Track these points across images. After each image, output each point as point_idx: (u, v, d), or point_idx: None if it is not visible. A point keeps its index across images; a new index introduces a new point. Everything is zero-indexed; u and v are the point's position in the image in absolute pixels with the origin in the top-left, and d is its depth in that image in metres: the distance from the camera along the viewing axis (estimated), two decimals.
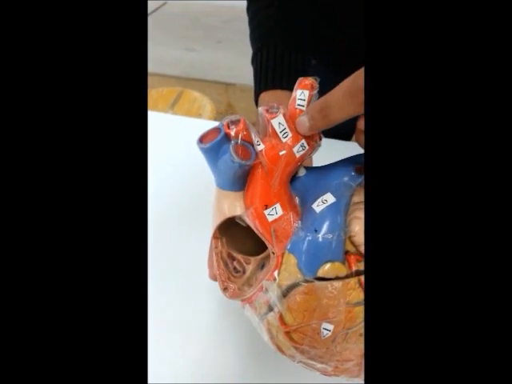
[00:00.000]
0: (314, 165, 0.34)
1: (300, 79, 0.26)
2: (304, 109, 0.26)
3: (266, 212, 0.27)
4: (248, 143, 0.26)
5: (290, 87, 0.27)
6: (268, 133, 0.26)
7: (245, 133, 0.26)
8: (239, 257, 0.31)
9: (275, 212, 0.27)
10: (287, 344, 0.26)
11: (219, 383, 0.37)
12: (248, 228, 0.28)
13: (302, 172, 0.29)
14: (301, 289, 0.25)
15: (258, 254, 0.30)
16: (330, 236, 0.25)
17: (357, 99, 0.22)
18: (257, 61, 0.50)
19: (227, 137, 0.26)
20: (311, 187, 0.28)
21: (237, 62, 1.95)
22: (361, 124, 0.24)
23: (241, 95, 1.85)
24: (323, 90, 0.26)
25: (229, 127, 0.26)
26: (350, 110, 0.23)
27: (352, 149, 0.29)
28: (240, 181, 0.28)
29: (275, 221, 0.27)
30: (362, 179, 0.27)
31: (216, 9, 2.50)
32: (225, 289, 0.31)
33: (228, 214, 0.29)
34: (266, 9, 0.51)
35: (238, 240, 0.32)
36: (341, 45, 0.57)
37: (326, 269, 0.25)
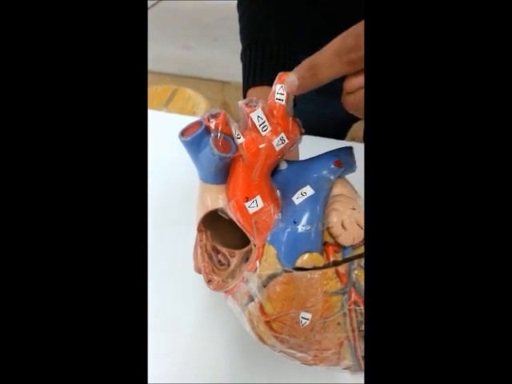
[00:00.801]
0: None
1: (280, 74, 0.27)
2: (283, 103, 0.26)
3: (247, 204, 0.27)
4: (228, 136, 0.27)
5: None
6: (248, 126, 0.27)
7: (225, 126, 0.26)
8: (224, 250, 0.32)
9: (256, 204, 0.27)
10: (268, 333, 0.27)
11: (220, 382, 0.37)
12: (232, 221, 0.28)
13: (283, 165, 0.29)
14: (280, 279, 0.26)
15: (243, 247, 0.31)
16: (309, 227, 0.26)
17: (345, 58, 0.22)
18: (246, 56, 0.49)
19: (208, 130, 0.27)
20: (292, 180, 0.28)
21: (232, 59, 1.93)
22: (347, 85, 0.24)
23: (236, 93, 1.85)
24: None
25: (209, 120, 0.26)
26: (339, 68, 0.23)
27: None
28: (222, 174, 0.28)
29: (256, 213, 0.27)
30: (340, 172, 0.27)
31: (211, 6, 2.49)
32: (209, 281, 0.31)
33: (211, 206, 0.29)
34: (257, 4, 0.51)
35: (224, 233, 0.33)
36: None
37: (304, 259, 0.26)
